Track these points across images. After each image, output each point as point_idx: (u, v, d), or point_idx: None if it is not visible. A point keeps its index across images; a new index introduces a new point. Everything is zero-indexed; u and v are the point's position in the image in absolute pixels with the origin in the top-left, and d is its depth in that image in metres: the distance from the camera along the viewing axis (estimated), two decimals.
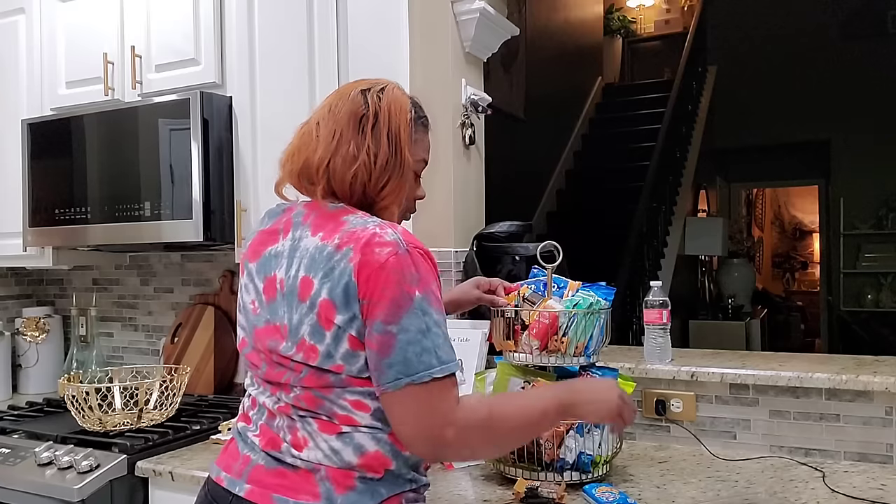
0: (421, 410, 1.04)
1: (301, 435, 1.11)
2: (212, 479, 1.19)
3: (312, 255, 1.10)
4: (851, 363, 1.76)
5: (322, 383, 1.09)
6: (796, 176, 7.74)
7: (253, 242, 1.23)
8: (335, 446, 1.09)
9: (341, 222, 1.11)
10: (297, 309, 1.09)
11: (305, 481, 1.09)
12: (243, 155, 2.03)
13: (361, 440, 1.09)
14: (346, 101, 1.17)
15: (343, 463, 1.09)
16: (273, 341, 1.13)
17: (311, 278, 1.08)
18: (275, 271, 1.14)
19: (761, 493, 1.44)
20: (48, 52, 2.35)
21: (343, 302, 1.05)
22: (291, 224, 1.17)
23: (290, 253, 1.14)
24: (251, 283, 1.19)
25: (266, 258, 1.17)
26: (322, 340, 1.07)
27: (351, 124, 1.14)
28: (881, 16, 6.67)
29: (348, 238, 1.08)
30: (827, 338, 7.44)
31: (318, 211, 1.15)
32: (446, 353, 1.06)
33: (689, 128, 6.24)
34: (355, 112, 1.15)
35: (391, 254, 1.05)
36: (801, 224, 9.75)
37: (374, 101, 1.16)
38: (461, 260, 2.02)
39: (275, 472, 1.11)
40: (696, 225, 6.18)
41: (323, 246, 1.09)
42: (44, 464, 1.69)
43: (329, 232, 1.10)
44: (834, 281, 7.25)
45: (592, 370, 1.53)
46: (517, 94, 4.81)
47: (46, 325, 2.60)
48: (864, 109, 6.60)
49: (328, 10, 1.94)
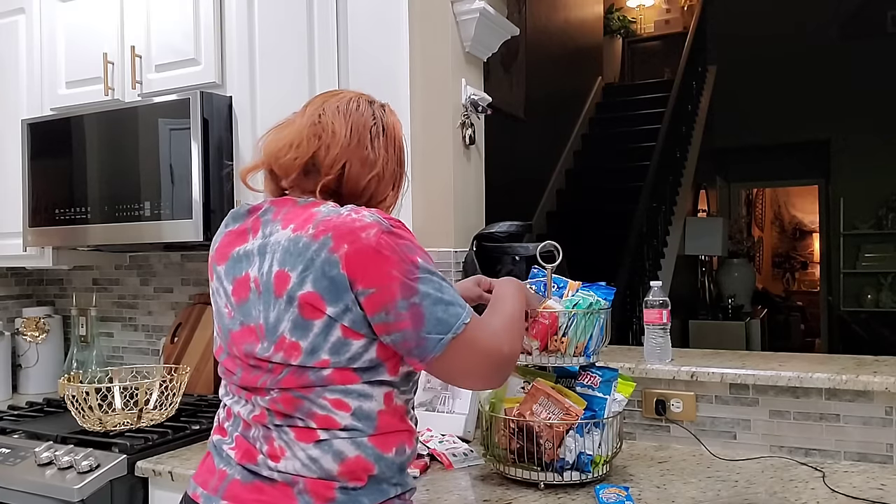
0: (473, 354, 1.10)
1: (278, 445, 1.08)
2: (188, 496, 1.16)
3: (286, 248, 1.08)
4: (851, 363, 1.76)
5: (301, 383, 1.07)
6: (796, 176, 7.74)
7: (220, 245, 1.20)
8: (313, 455, 1.07)
9: (313, 213, 1.10)
10: (273, 306, 1.08)
11: (283, 495, 1.07)
12: (243, 155, 2.03)
13: (340, 446, 1.07)
14: (357, 107, 1.21)
15: (323, 472, 1.07)
16: (248, 344, 1.11)
17: (286, 272, 1.07)
18: (246, 270, 1.13)
19: (761, 493, 1.44)
20: (48, 52, 2.35)
21: (333, 294, 1.04)
22: (261, 222, 1.16)
23: (260, 250, 1.12)
24: (220, 286, 1.17)
25: (235, 259, 1.16)
26: (306, 335, 1.06)
27: (367, 131, 1.20)
28: (881, 16, 6.67)
29: (324, 226, 1.07)
30: (827, 338, 7.44)
31: (288, 206, 1.15)
32: (461, 298, 1.12)
33: (689, 128, 6.24)
34: (368, 120, 1.21)
35: (379, 234, 1.06)
36: (801, 224, 9.75)
37: (381, 114, 1.24)
38: (461, 260, 2.02)
39: (251, 486, 1.09)
40: (696, 225, 6.18)
41: (297, 237, 1.08)
42: (44, 464, 1.69)
43: (301, 222, 1.09)
44: (834, 281, 7.25)
45: (592, 370, 1.53)
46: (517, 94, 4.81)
47: (46, 325, 2.60)
48: (864, 109, 6.60)
49: (328, 10, 1.94)
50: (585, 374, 1.53)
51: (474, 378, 1.14)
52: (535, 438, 1.45)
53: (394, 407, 1.12)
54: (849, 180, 6.93)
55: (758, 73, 7.02)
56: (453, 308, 1.08)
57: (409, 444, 1.15)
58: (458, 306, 1.09)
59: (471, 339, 1.09)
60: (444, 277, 1.11)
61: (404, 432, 1.14)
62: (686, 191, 5.99)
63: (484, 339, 1.11)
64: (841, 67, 6.67)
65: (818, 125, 6.87)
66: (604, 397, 1.49)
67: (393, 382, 1.11)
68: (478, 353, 1.10)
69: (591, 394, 1.50)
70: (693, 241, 6.02)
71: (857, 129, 6.70)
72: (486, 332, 1.12)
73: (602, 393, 1.50)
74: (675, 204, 5.66)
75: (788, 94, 6.89)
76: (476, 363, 1.11)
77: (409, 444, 1.16)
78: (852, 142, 6.79)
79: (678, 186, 5.80)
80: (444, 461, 1.64)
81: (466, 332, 1.08)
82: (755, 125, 7.00)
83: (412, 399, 1.19)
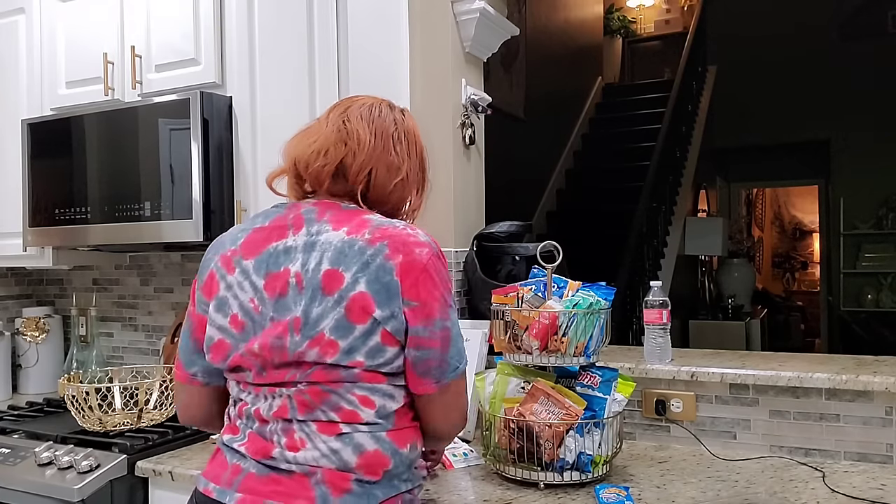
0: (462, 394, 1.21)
1: (298, 437, 1.10)
2: (199, 492, 1.16)
3: (340, 249, 1.10)
4: (851, 363, 1.76)
5: (331, 378, 1.09)
6: (796, 176, 7.74)
7: (247, 240, 1.18)
8: (334, 446, 1.09)
9: (366, 220, 1.14)
10: (319, 302, 1.08)
11: (300, 486, 1.08)
12: (243, 155, 2.03)
13: (361, 440, 1.10)
14: (380, 113, 1.23)
15: (341, 463, 1.08)
16: (276, 338, 1.10)
17: (339, 271, 1.08)
18: (286, 266, 1.12)
19: (761, 493, 1.44)
20: (48, 52, 2.35)
21: (384, 298, 1.08)
22: (304, 220, 1.16)
23: (305, 247, 1.13)
24: (246, 280, 1.15)
25: (269, 254, 1.15)
26: (347, 335, 1.07)
27: (390, 137, 1.22)
28: (881, 16, 6.67)
29: (380, 234, 1.11)
30: (827, 338, 7.44)
31: (334, 209, 1.17)
32: None
33: (689, 128, 6.24)
34: (389, 127, 1.24)
35: (430, 255, 1.12)
36: (801, 224, 9.74)
37: (401, 119, 1.27)
38: (461, 260, 2.03)
39: (267, 479, 1.10)
40: (696, 225, 6.18)
41: (352, 240, 1.10)
42: (44, 464, 1.69)
43: (356, 227, 1.12)
44: (834, 281, 7.25)
45: (592, 370, 1.53)
46: (517, 94, 4.81)
47: (46, 325, 2.60)
48: (864, 109, 6.60)
49: (328, 9, 1.94)
50: (585, 374, 1.53)
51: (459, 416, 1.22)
52: (535, 438, 1.45)
53: (407, 406, 1.17)
54: (849, 180, 6.93)
55: (758, 74, 7.02)
56: (462, 344, 1.18)
57: (419, 441, 1.20)
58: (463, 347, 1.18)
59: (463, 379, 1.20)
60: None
61: (415, 429, 1.18)
62: (686, 191, 5.99)
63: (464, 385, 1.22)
64: (841, 67, 6.66)
65: (818, 125, 6.87)
66: (604, 397, 1.50)
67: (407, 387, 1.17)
68: (463, 394, 1.21)
69: (591, 394, 1.50)
70: (693, 241, 6.02)
71: (857, 129, 6.69)
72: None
73: (602, 393, 1.50)
74: (675, 204, 5.66)
75: (788, 94, 6.89)
76: (464, 403, 1.22)
77: (420, 442, 1.20)
78: (852, 142, 6.79)
79: (678, 186, 5.80)
80: (445, 461, 1.64)
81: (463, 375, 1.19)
82: (755, 125, 7.00)
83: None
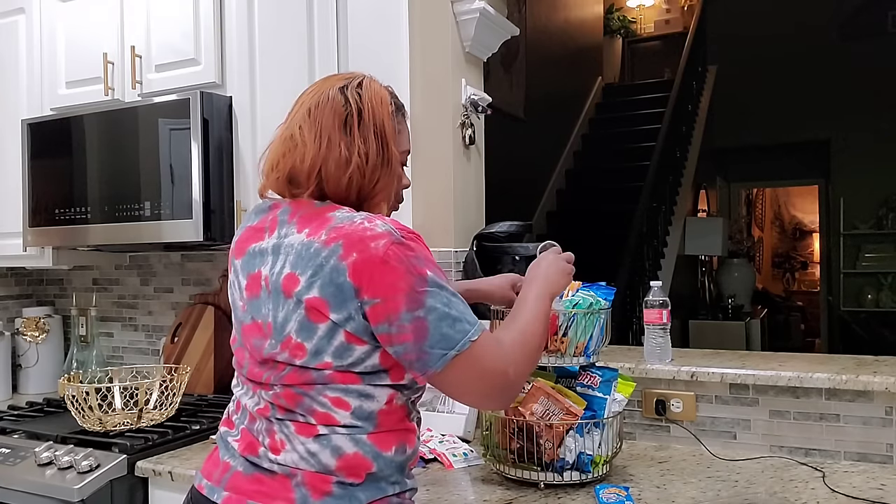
0: (476, 373, 1.07)
1: (279, 438, 1.10)
2: (194, 488, 1.18)
3: (298, 252, 1.09)
4: (851, 363, 1.76)
5: (303, 380, 1.08)
6: (796, 176, 7.74)
7: (239, 239, 1.22)
8: (312, 449, 1.08)
9: (327, 218, 1.10)
10: (282, 306, 1.09)
11: (282, 487, 1.08)
12: (243, 155, 2.03)
13: (339, 442, 1.08)
14: (326, 102, 1.15)
15: (321, 466, 1.07)
16: (257, 339, 1.13)
17: (296, 275, 1.07)
18: (259, 268, 1.14)
19: (761, 493, 1.44)
20: (48, 52, 2.35)
21: (339, 300, 1.05)
22: (277, 222, 1.16)
23: (274, 250, 1.13)
24: (236, 280, 1.20)
25: (251, 255, 1.17)
26: (311, 337, 1.06)
27: (337, 126, 1.14)
28: (881, 16, 6.67)
29: (336, 234, 1.07)
30: (827, 338, 7.44)
31: (305, 208, 1.15)
32: (471, 315, 1.08)
33: (689, 128, 6.24)
34: (338, 112, 1.14)
35: (388, 245, 1.04)
36: (801, 224, 9.74)
37: (355, 97, 1.16)
38: (461, 260, 2.02)
39: (252, 478, 1.10)
40: (696, 225, 6.18)
41: (309, 242, 1.08)
42: (44, 464, 1.69)
43: (315, 228, 1.09)
44: (834, 281, 7.25)
45: (592, 370, 1.53)
46: (517, 94, 4.81)
47: (46, 325, 2.60)
48: (864, 109, 6.60)
49: (328, 9, 1.94)
50: (585, 374, 1.53)
51: (476, 397, 1.12)
52: (535, 438, 1.45)
53: (395, 407, 1.12)
54: (849, 180, 6.93)
55: (758, 73, 7.02)
56: (460, 324, 1.05)
57: (409, 443, 1.15)
58: (466, 322, 1.06)
59: (476, 356, 1.06)
60: (455, 293, 1.08)
61: (405, 431, 1.14)
62: (686, 191, 5.99)
63: (490, 358, 1.07)
64: (841, 67, 6.66)
65: (818, 125, 6.87)
66: (604, 397, 1.49)
67: (395, 385, 1.11)
68: (481, 372, 1.07)
69: (591, 394, 1.50)
70: (693, 241, 6.02)
71: (857, 129, 6.69)
72: (493, 352, 1.08)
73: (602, 393, 1.50)
74: (675, 204, 5.66)
75: (788, 94, 6.88)
76: (479, 382, 1.08)
77: (410, 444, 1.16)
78: (852, 142, 6.79)
79: (678, 186, 5.80)
80: (444, 461, 1.64)
81: (472, 350, 1.05)
82: (755, 125, 6.99)
83: (417, 399, 1.18)
